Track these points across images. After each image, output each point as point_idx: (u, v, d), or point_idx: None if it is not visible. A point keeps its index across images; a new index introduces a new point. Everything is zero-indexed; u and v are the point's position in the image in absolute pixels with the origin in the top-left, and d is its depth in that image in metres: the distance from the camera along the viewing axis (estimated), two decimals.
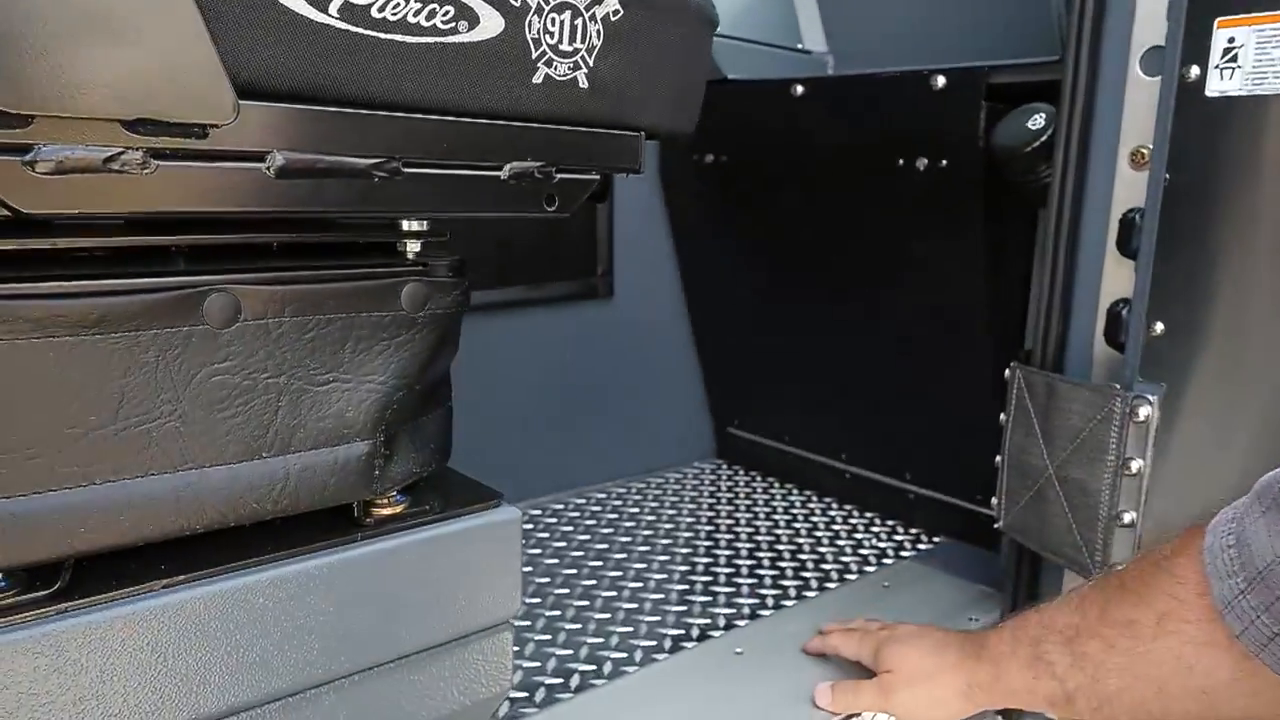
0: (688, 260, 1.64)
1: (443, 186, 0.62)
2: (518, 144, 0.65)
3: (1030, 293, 1.28)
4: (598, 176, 0.71)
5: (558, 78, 0.65)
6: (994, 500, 1.13)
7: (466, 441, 1.37)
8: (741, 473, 1.71)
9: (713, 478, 1.69)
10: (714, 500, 1.57)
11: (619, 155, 0.71)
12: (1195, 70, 0.87)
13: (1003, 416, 1.10)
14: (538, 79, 0.64)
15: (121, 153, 0.48)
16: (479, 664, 0.76)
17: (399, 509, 0.71)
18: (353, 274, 0.64)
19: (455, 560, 0.72)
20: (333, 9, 0.53)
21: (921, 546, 1.41)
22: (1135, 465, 0.91)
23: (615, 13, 0.66)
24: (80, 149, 0.48)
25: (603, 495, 1.58)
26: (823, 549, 1.38)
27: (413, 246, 0.69)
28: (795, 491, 1.62)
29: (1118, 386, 0.94)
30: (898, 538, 1.44)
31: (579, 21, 0.64)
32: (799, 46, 1.55)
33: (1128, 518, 0.93)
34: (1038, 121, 1.08)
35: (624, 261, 1.55)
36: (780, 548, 1.38)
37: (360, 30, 0.55)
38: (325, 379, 0.64)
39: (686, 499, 1.58)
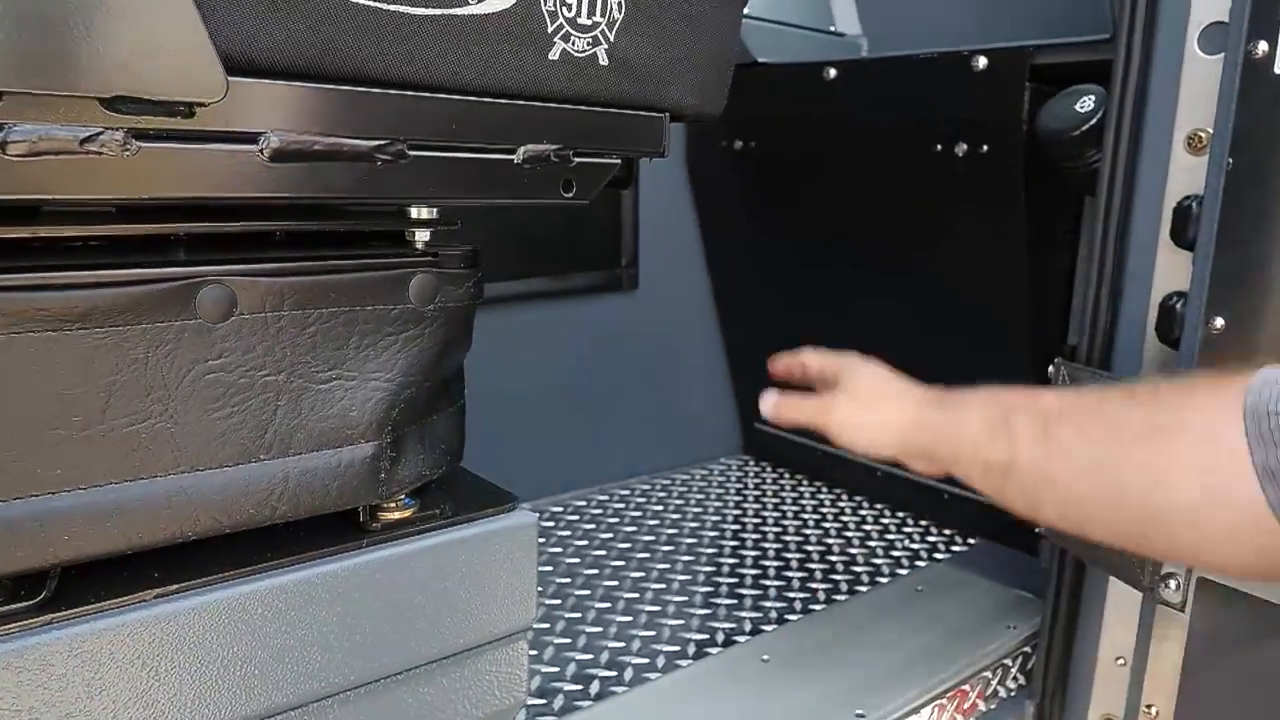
0: (715, 251, 1.59)
1: (452, 171, 0.58)
2: (532, 125, 0.60)
3: (1074, 285, 1.22)
4: (618, 160, 0.66)
5: (575, 54, 0.60)
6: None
7: (485, 438, 1.33)
8: (769, 469, 1.66)
9: (739, 474, 1.64)
10: (740, 498, 1.53)
11: (641, 137, 0.66)
12: (1263, 46, 0.81)
13: None
14: (554, 55, 0.59)
15: (100, 133, 0.45)
16: (492, 675, 0.72)
17: (407, 513, 0.67)
18: (357, 264, 0.60)
19: (467, 567, 0.68)
20: None
21: (956, 548, 1.35)
22: None
23: None
24: (55, 129, 0.44)
25: (626, 492, 1.54)
26: (853, 550, 1.34)
27: (421, 235, 0.65)
28: (824, 490, 1.57)
29: None
30: (931, 539, 1.38)
31: None
32: (831, 29, 1.49)
33: None
34: (1086, 104, 1.02)
35: (649, 252, 1.51)
36: (809, 548, 1.34)
37: (364, 1, 0.51)
38: (327, 376, 0.60)
39: (712, 496, 1.53)
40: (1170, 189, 0.95)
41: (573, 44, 0.60)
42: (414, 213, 0.64)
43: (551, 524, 1.41)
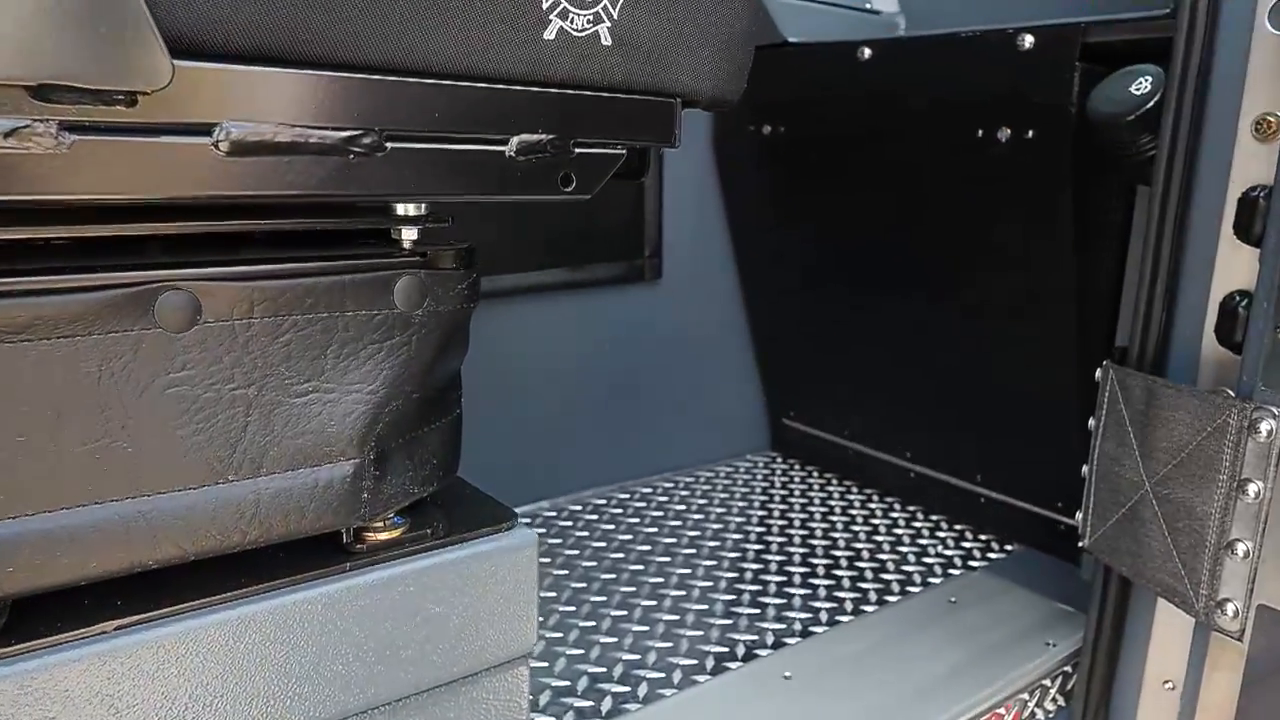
0: (742, 240, 1.53)
1: (435, 164, 0.52)
2: (526, 112, 0.55)
3: (1124, 281, 1.14)
4: (623, 151, 0.60)
5: (574, 32, 0.54)
6: (1078, 514, 1.00)
7: (500, 436, 1.29)
8: (797, 467, 1.60)
9: (766, 472, 1.58)
10: (766, 498, 1.47)
11: (650, 125, 0.61)
12: None
13: (1091, 421, 0.98)
14: (550, 34, 0.53)
15: (26, 125, 0.40)
16: (490, 704, 0.68)
17: (396, 533, 0.62)
18: (335, 266, 0.55)
19: (462, 590, 0.63)
20: None
21: (993, 555, 1.29)
22: (1253, 489, 0.79)
23: None
24: None
25: (648, 490, 1.49)
26: (883, 556, 1.27)
27: (408, 234, 0.59)
28: (855, 490, 1.50)
29: (1233, 395, 0.81)
30: (966, 544, 1.32)
31: None
32: (867, 6, 1.41)
33: (1242, 548, 0.80)
34: (1142, 86, 0.94)
35: (674, 242, 1.45)
36: (837, 553, 1.28)
37: None
38: (303, 389, 0.55)
39: (737, 496, 1.47)
40: (1235, 178, 0.87)
41: (571, 21, 0.54)
42: (399, 209, 0.59)
43: (570, 523, 1.36)
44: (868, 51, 1.22)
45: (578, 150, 0.58)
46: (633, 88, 0.59)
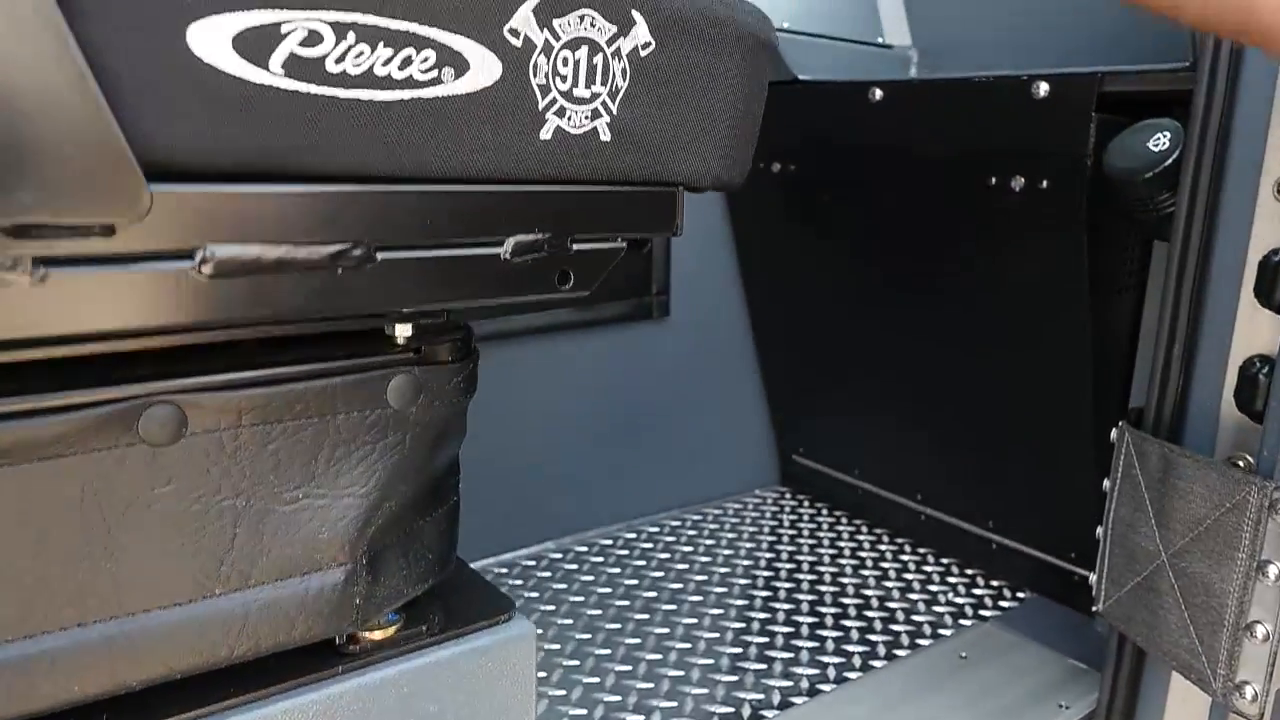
0: (751, 277, 1.51)
1: (427, 272, 0.51)
2: (522, 212, 0.53)
3: (1140, 332, 1.12)
4: (624, 245, 0.59)
5: (572, 130, 0.53)
6: (1092, 576, 0.98)
7: (505, 476, 1.27)
8: (806, 504, 1.58)
9: (774, 509, 1.56)
10: (774, 539, 1.45)
11: (651, 216, 0.59)
12: None
13: (1106, 483, 0.96)
14: (546, 134, 0.52)
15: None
16: None
17: (390, 630, 0.60)
18: (325, 369, 0.54)
19: (459, 687, 0.62)
20: (275, 64, 0.42)
21: (1005, 604, 1.26)
22: (1274, 570, 0.76)
23: (646, 46, 0.54)
24: None
25: (655, 530, 1.47)
26: (893, 604, 1.25)
27: (403, 330, 0.58)
28: (865, 529, 1.48)
29: (1255, 475, 0.79)
30: (978, 591, 1.29)
31: (599, 59, 0.52)
32: (879, 40, 1.39)
33: (1261, 630, 0.78)
34: (1160, 141, 0.92)
35: (682, 279, 1.43)
36: (846, 601, 1.26)
37: (313, 89, 0.44)
38: (293, 496, 0.54)
39: (745, 536, 1.46)
40: (1255, 241, 0.85)
41: (569, 119, 0.52)
42: None
43: (575, 567, 1.34)
44: (879, 93, 1.20)
45: (576, 247, 0.56)
46: (633, 180, 0.57)
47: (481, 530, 1.30)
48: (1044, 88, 1.03)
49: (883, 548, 1.42)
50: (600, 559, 1.37)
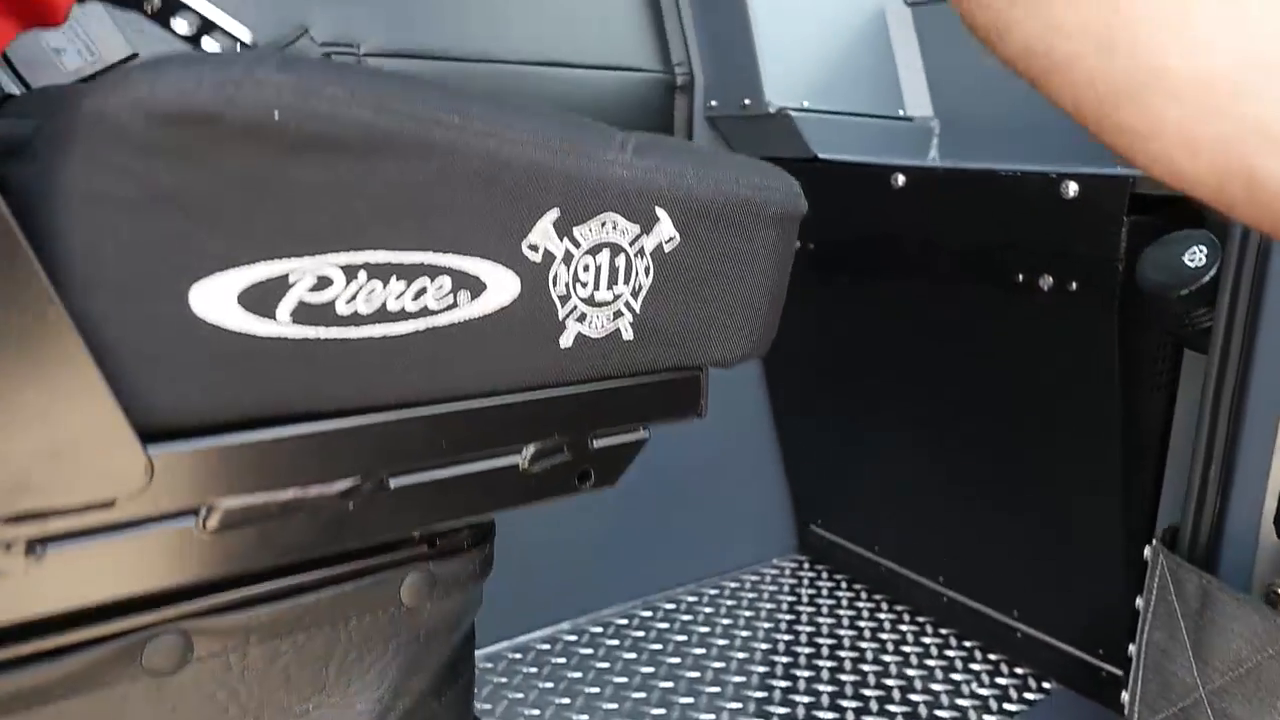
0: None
1: (442, 492, 0.49)
2: (540, 419, 0.51)
3: (1171, 433, 1.09)
4: (647, 433, 0.56)
5: (593, 334, 0.50)
6: (1124, 695, 0.95)
7: (516, 555, 1.25)
8: (826, 576, 1.55)
9: (793, 582, 1.53)
10: (793, 617, 1.42)
11: (675, 402, 0.57)
12: None
13: (1139, 601, 0.93)
14: (566, 341, 0.50)
15: None
16: None
17: None
18: (335, 576, 0.51)
19: None
20: (283, 314, 0.40)
21: (1030, 696, 1.23)
22: None
23: (670, 240, 0.51)
24: None
25: (672, 607, 1.45)
26: (914, 696, 1.23)
27: None
28: (885, 606, 1.45)
29: None
30: (1002, 681, 1.27)
31: (621, 260, 0.50)
32: (900, 113, 1.36)
33: None
34: (1196, 257, 0.89)
35: None
36: (866, 692, 1.23)
37: (322, 333, 0.42)
38: (303, 709, 0.52)
39: (762, 614, 1.43)
40: None
41: (589, 324, 0.50)
42: None
43: (590, 650, 1.32)
44: (902, 179, 1.17)
45: (597, 444, 0.54)
46: (657, 369, 0.55)
47: (494, 614, 1.28)
48: (1073, 188, 1.00)
49: (904, 628, 1.40)
50: (616, 641, 1.35)
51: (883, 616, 1.43)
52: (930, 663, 1.30)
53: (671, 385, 0.56)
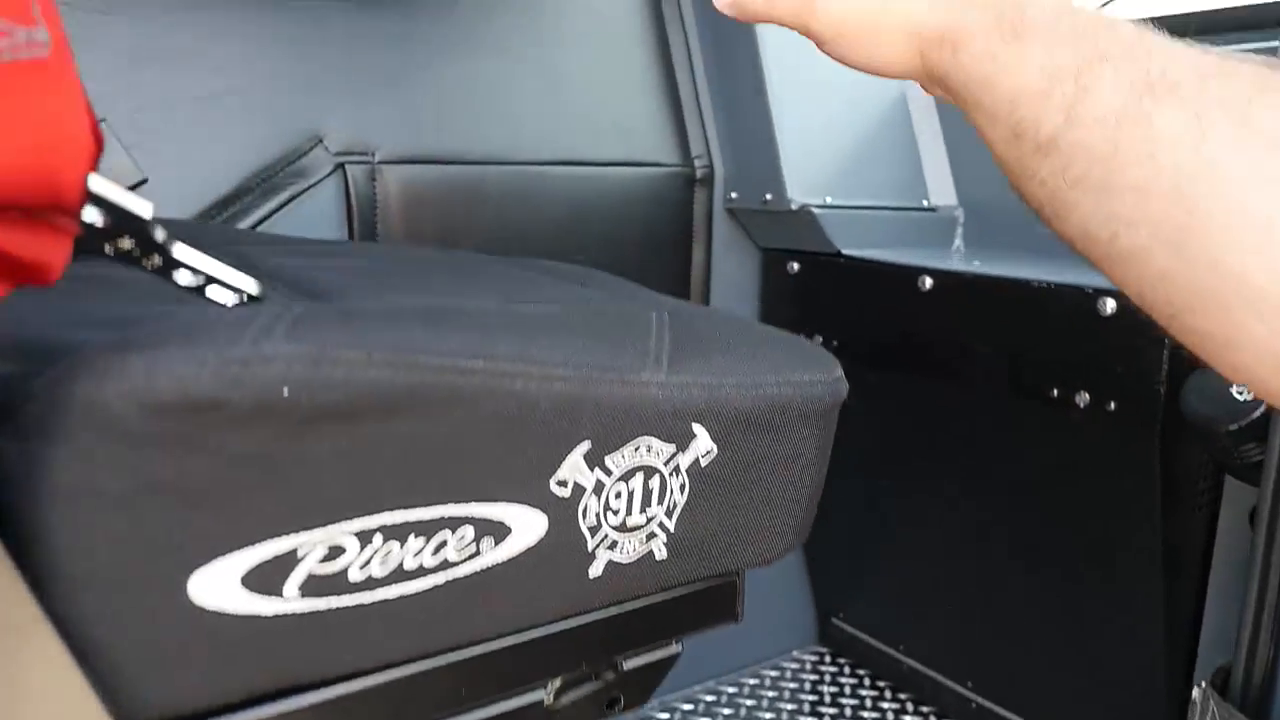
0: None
1: None
2: (566, 651, 0.47)
3: (1213, 550, 1.04)
4: (679, 647, 0.53)
5: (624, 560, 0.47)
6: None
7: None
8: (848, 672, 1.50)
9: (814, 678, 1.48)
10: (814, 718, 1.37)
11: (710, 611, 0.53)
12: None
13: None
14: (596, 570, 0.46)
15: None
16: None
17: None
18: None
19: None
20: (290, 590, 0.37)
21: None
22: None
23: (708, 454, 0.48)
24: None
25: (689, 708, 1.40)
26: None
27: None
28: (910, 707, 1.40)
29: None
30: None
31: (655, 482, 0.46)
32: (924, 204, 1.33)
33: None
34: (1245, 389, 0.85)
35: None
36: None
37: (334, 603, 0.38)
38: None
39: (783, 716, 1.38)
40: None
41: (620, 550, 0.46)
42: None
43: None
44: (929, 281, 1.13)
45: (627, 665, 0.50)
46: (691, 580, 0.51)
47: None
48: (1110, 305, 0.96)
49: None
50: None
51: (908, 719, 1.38)
52: None
53: (706, 594, 0.52)
